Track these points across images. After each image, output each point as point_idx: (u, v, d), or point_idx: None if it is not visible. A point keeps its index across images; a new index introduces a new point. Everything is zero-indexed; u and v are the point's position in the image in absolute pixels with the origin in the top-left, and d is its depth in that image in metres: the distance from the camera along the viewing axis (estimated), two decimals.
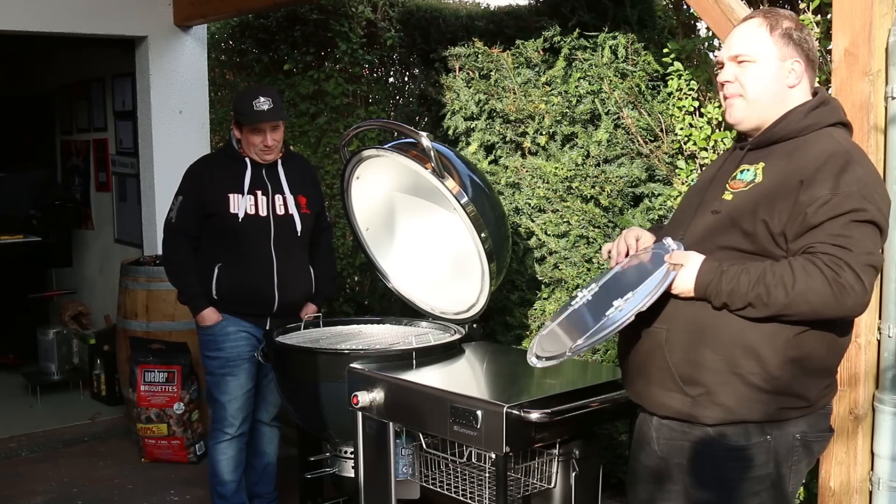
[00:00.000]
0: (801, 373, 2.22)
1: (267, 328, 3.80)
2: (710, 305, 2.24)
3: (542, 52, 4.28)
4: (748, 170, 2.28)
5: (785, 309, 2.12)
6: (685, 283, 2.24)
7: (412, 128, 3.48)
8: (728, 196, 2.28)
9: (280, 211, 3.81)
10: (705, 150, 3.75)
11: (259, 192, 3.78)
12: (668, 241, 2.35)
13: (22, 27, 5.02)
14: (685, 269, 2.24)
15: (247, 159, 3.79)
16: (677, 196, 3.82)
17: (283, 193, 3.82)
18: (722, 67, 2.33)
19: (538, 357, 2.41)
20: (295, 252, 3.87)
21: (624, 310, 2.24)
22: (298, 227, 3.84)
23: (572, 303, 2.52)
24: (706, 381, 2.25)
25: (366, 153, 3.59)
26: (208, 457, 3.97)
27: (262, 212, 3.77)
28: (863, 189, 2.12)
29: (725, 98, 2.32)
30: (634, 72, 4.03)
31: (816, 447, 2.34)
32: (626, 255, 2.46)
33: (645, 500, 2.52)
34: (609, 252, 2.52)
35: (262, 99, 3.69)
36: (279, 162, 3.85)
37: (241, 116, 3.75)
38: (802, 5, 3.25)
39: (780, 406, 2.23)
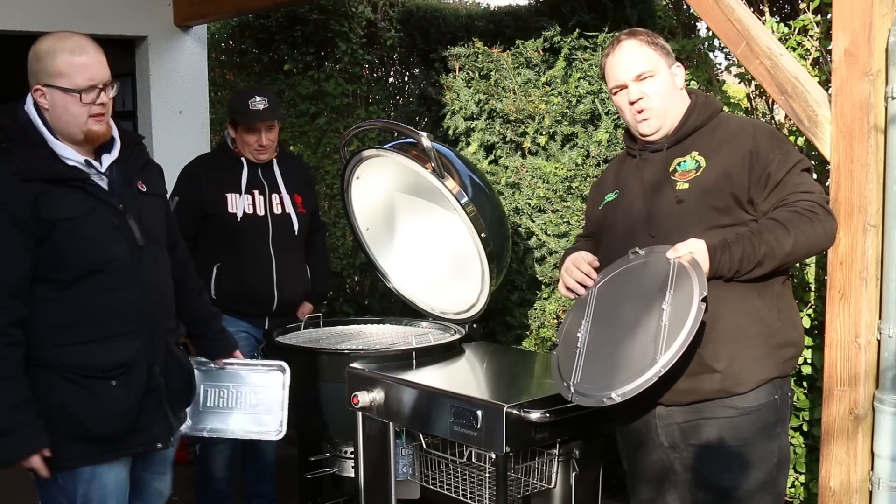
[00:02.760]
0: (789, 321, 2.44)
1: (266, 328, 3.80)
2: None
3: (542, 52, 4.28)
4: (685, 161, 2.44)
5: (789, 256, 2.29)
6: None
7: (412, 128, 3.48)
8: (684, 185, 2.41)
9: (277, 210, 3.81)
10: None
11: (256, 192, 3.78)
12: (638, 250, 2.38)
13: (22, 27, 5.01)
14: (698, 255, 2.28)
15: (243, 159, 3.79)
16: None
17: (279, 193, 3.82)
18: (621, 90, 2.48)
19: (618, 394, 2.23)
20: (293, 251, 3.87)
21: (680, 308, 2.21)
22: (296, 226, 3.84)
23: (578, 343, 2.41)
24: (726, 353, 2.33)
25: (366, 153, 3.59)
26: (200, 453, 3.95)
27: (260, 211, 3.77)
28: (791, 145, 2.44)
29: (639, 113, 2.47)
30: None
31: (791, 406, 2.53)
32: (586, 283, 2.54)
33: (650, 499, 2.52)
34: (569, 289, 2.57)
35: (257, 98, 3.69)
36: (274, 161, 3.85)
37: (236, 115, 3.74)
38: (802, 5, 3.25)
39: (784, 359, 2.40)
